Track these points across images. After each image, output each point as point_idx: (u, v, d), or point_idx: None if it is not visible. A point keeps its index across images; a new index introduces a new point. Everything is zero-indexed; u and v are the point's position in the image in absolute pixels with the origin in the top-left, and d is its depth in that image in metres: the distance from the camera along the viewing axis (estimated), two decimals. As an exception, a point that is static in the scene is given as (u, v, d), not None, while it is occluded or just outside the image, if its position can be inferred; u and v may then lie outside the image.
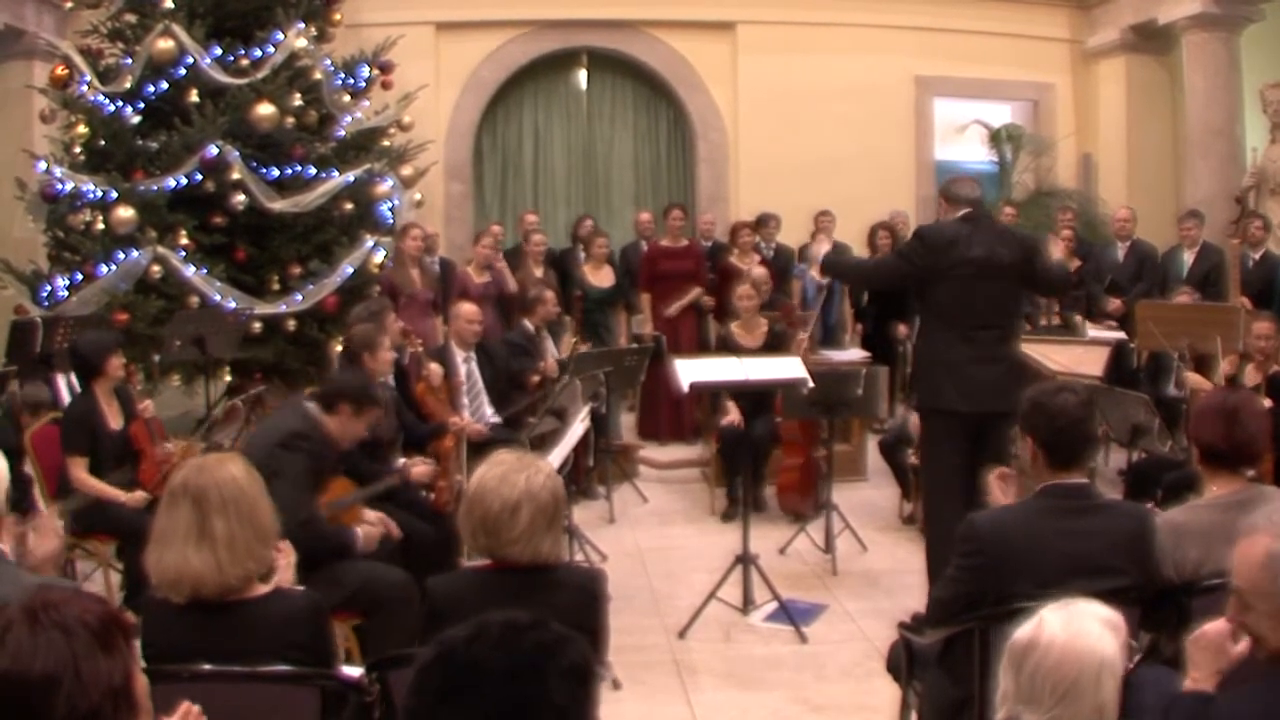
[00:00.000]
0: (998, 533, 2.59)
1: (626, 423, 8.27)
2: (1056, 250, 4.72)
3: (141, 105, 7.36)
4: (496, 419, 6.00)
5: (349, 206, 7.81)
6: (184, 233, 7.10)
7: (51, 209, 7.16)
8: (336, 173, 7.71)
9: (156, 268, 6.98)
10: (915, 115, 10.52)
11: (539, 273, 7.82)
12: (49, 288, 7.04)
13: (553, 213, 10.62)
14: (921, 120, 10.55)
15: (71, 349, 4.89)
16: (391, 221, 8.11)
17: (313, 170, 7.63)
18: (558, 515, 2.48)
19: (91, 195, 7.08)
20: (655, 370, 6.95)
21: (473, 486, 2.47)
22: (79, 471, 4.57)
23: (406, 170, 8.62)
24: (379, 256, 7.77)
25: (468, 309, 6.10)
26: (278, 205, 7.34)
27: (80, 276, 7.05)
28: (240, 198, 7.22)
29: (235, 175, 7.15)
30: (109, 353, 4.73)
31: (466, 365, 6.05)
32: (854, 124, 10.17)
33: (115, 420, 4.76)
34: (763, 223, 8.97)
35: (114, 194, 7.02)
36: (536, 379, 6.21)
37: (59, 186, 7.04)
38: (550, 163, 10.80)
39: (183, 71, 7.32)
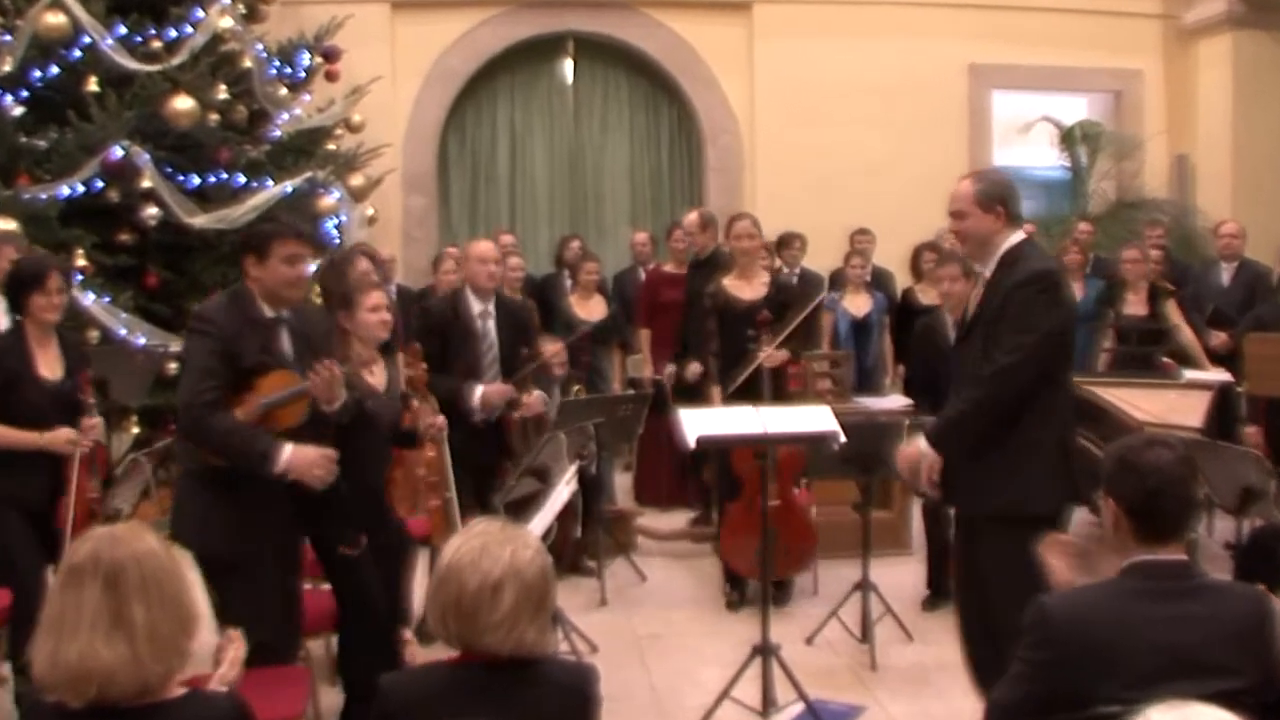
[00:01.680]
0: (1075, 620, 2.56)
1: (621, 485, 8.30)
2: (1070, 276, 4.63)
3: (25, 94, 7.37)
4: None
5: (286, 219, 7.78)
6: (81, 252, 7.10)
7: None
8: (271, 182, 7.82)
9: None
10: (969, 112, 10.65)
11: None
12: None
13: (533, 232, 10.78)
14: (977, 118, 10.70)
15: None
16: (339, 242, 8.19)
17: (242, 179, 7.73)
18: (547, 597, 2.46)
19: (-42, 204, 7.02)
20: (655, 422, 7.02)
21: (445, 560, 2.46)
22: None
23: (357, 180, 8.72)
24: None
25: (482, 247, 6.12)
26: (199, 220, 7.39)
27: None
28: (152, 210, 7.27)
29: (146, 183, 7.20)
30: (46, 273, 4.77)
31: (483, 322, 6.05)
32: (895, 124, 10.32)
33: (51, 369, 4.80)
34: (785, 243, 9.06)
35: (-11, 202, 6.98)
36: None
37: (-86, 192, 6.98)
38: (530, 172, 10.96)
39: (78, 54, 7.38)
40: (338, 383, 4.03)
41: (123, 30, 7.45)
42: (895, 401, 7.30)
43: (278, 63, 8.41)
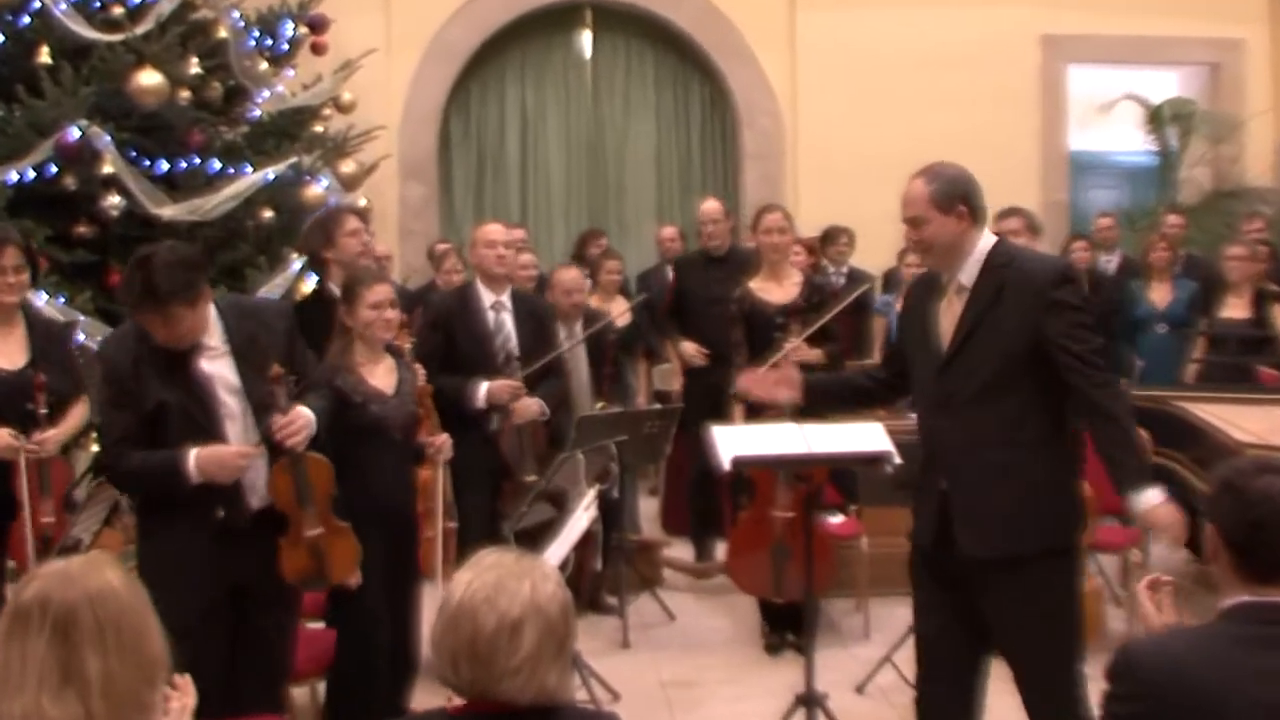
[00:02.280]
0: (1166, 669, 2.54)
1: (647, 511, 8.30)
2: None
3: (-35, 66, 7.18)
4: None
5: (267, 215, 7.85)
6: (33, 246, 6.99)
7: None
8: (250, 168, 7.76)
9: None
10: (1042, 88, 10.64)
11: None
12: None
13: (546, 226, 10.85)
14: (1051, 95, 10.68)
15: None
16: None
17: (217, 164, 7.67)
18: (569, 637, 2.44)
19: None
20: (685, 440, 7.01)
21: (456, 598, 2.44)
22: None
23: (347, 166, 8.72)
24: (311, 284, 7.63)
25: (490, 230, 6.23)
26: (167, 211, 7.32)
27: None
28: (114, 200, 7.21)
29: (107, 168, 7.14)
30: (1, 248, 4.83)
31: (496, 315, 6.11)
32: (957, 104, 10.31)
33: (8, 357, 4.88)
34: (830, 239, 9.06)
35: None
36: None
37: None
38: (543, 159, 11.01)
39: (27, 20, 7.31)
40: (298, 427, 4.09)
41: (79, -6, 7.30)
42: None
43: (257, 33, 8.38)
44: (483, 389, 5.88)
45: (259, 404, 4.08)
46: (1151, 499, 3.70)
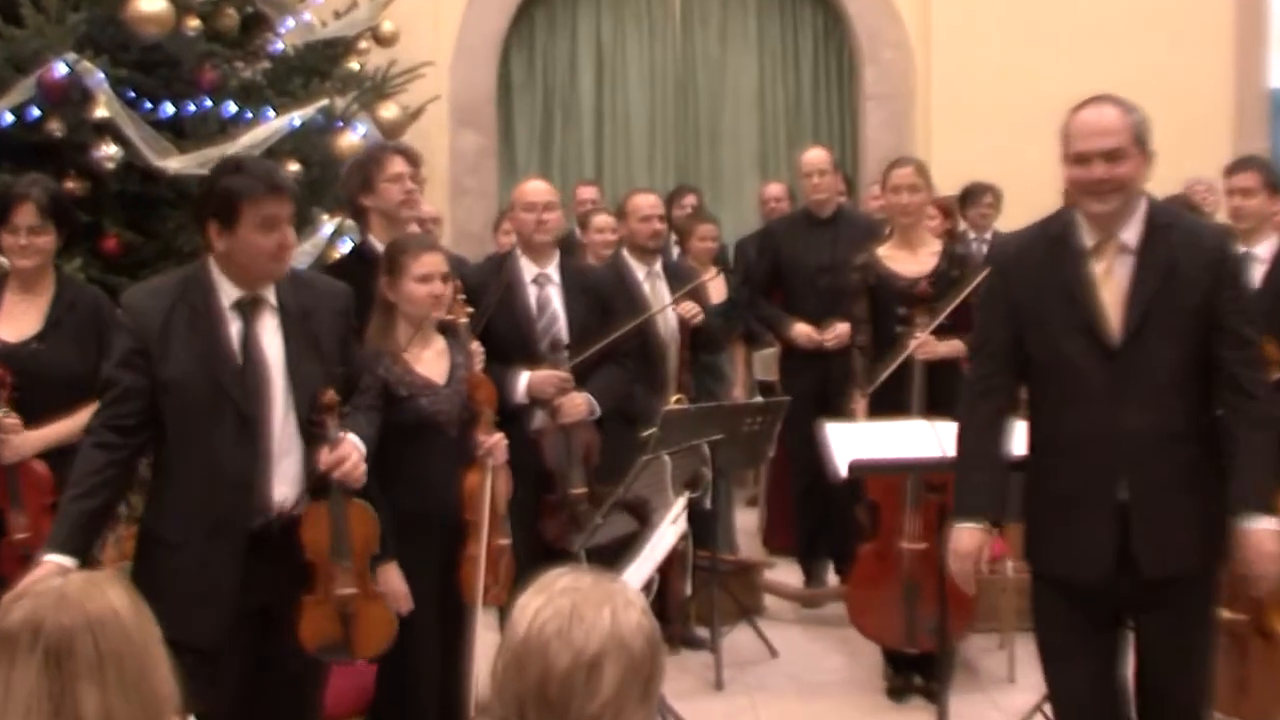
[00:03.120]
0: None
1: (745, 525, 8.36)
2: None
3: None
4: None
5: (293, 168, 7.76)
6: (64, 202, 6.86)
7: None
8: (272, 113, 7.76)
9: None
10: (1236, 16, 10.48)
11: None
12: None
13: (626, 183, 10.72)
14: (1248, 24, 10.53)
15: None
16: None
17: (232, 107, 7.67)
18: (656, 674, 2.44)
19: None
20: (790, 440, 7.07)
21: (521, 630, 2.40)
22: None
23: (388, 111, 8.69)
24: (343, 246, 7.80)
25: (529, 189, 6.29)
26: (173, 163, 7.28)
27: None
28: (109, 149, 7.18)
29: (100, 111, 7.11)
30: (13, 204, 5.00)
31: (540, 291, 6.17)
32: (1129, 35, 10.23)
33: (15, 327, 5.03)
34: (971, 199, 9.04)
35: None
36: None
37: None
38: (622, 102, 11.05)
39: (4, -65, 7.15)
40: (353, 461, 4.19)
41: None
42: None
43: (280, -51, 8.24)
44: (522, 380, 5.89)
45: (303, 400, 4.17)
46: (1270, 525, 3.82)
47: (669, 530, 4.79)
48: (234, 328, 4.12)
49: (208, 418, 4.05)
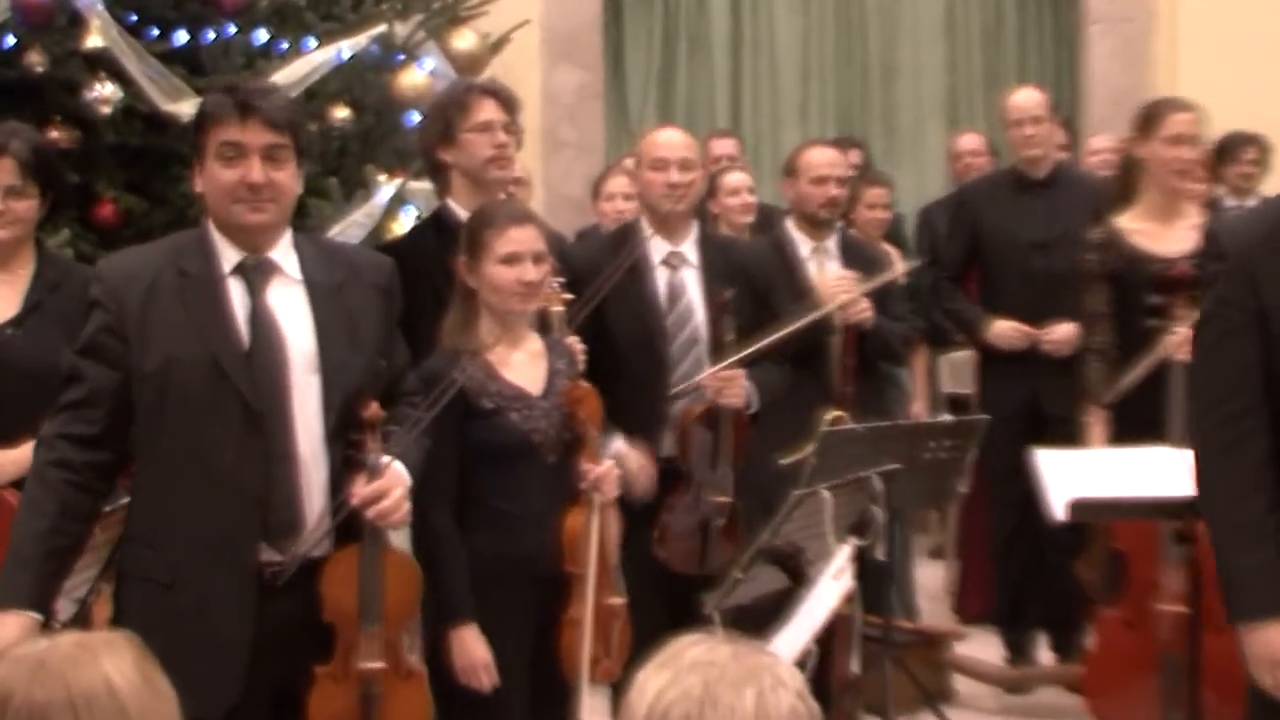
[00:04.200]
0: None
1: (929, 584, 8.42)
2: None
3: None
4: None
5: (340, 115, 7.85)
6: (49, 157, 6.81)
7: None
8: (313, 42, 7.81)
9: None
10: None
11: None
12: None
13: (771, 136, 10.99)
14: None
15: None
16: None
17: (263, 35, 7.72)
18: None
19: None
20: (989, 473, 7.13)
21: (636, 712, 2.42)
22: None
23: (463, 40, 8.73)
24: (406, 216, 7.89)
25: (661, 141, 6.34)
26: (186, 108, 7.18)
27: None
28: (106, 90, 7.24)
29: (94, 40, 7.19)
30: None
31: (673, 274, 6.18)
32: None
33: None
34: (1229, 153, 8.99)
35: None
36: None
37: None
38: (766, 28, 11.19)
39: None
40: (395, 498, 4.21)
41: None
42: None
43: None
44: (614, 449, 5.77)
45: (334, 397, 4.20)
46: None
47: (830, 588, 4.82)
48: (238, 301, 4.18)
49: (205, 414, 4.10)
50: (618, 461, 5.35)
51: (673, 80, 11.04)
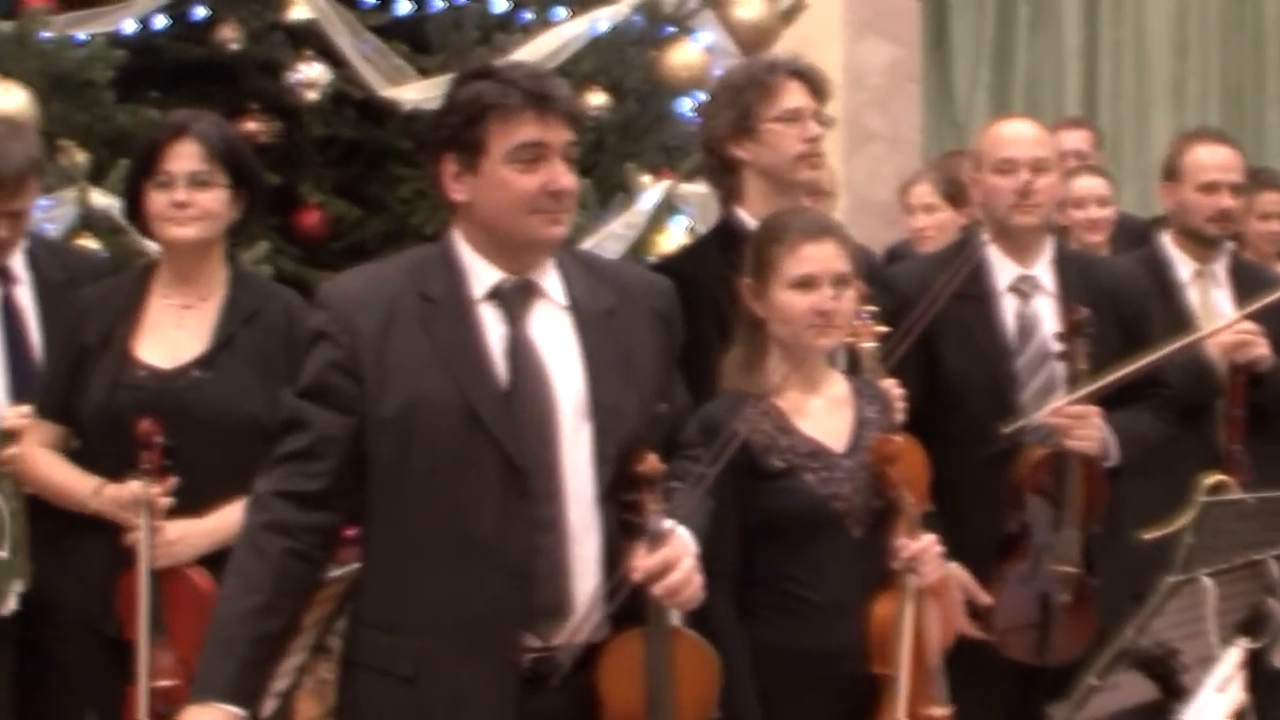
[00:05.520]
0: None
1: None
2: None
3: None
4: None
5: (596, 101, 7.52)
6: (237, 145, 6.95)
7: None
8: (563, 11, 7.55)
9: (90, 242, 6.74)
10: None
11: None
12: None
13: (1135, 126, 10.08)
14: None
15: None
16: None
17: (501, 3, 7.48)
18: None
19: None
20: None
21: None
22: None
23: (746, 9, 8.22)
24: (675, 226, 7.45)
25: (1010, 134, 5.84)
26: (410, 93, 7.05)
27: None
28: (312, 71, 6.96)
29: (300, 10, 6.91)
30: (165, 140, 4.93)
31: (1022, 305, 5.79)
32: None
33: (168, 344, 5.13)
34: None
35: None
36: None
37: None
38: None
39: None
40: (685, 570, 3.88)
41: None
42: None
43: None
44: None
45: (607, 448, 3.86)
46: None
47: (1213, 703, 4.21)
48: (494, 331, 3.89)
49: (456, 469, 3.80)
50: None
51: (1009, 56, 10.26)
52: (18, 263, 5.66)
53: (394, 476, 3.82)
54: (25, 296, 5.75)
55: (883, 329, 5.06)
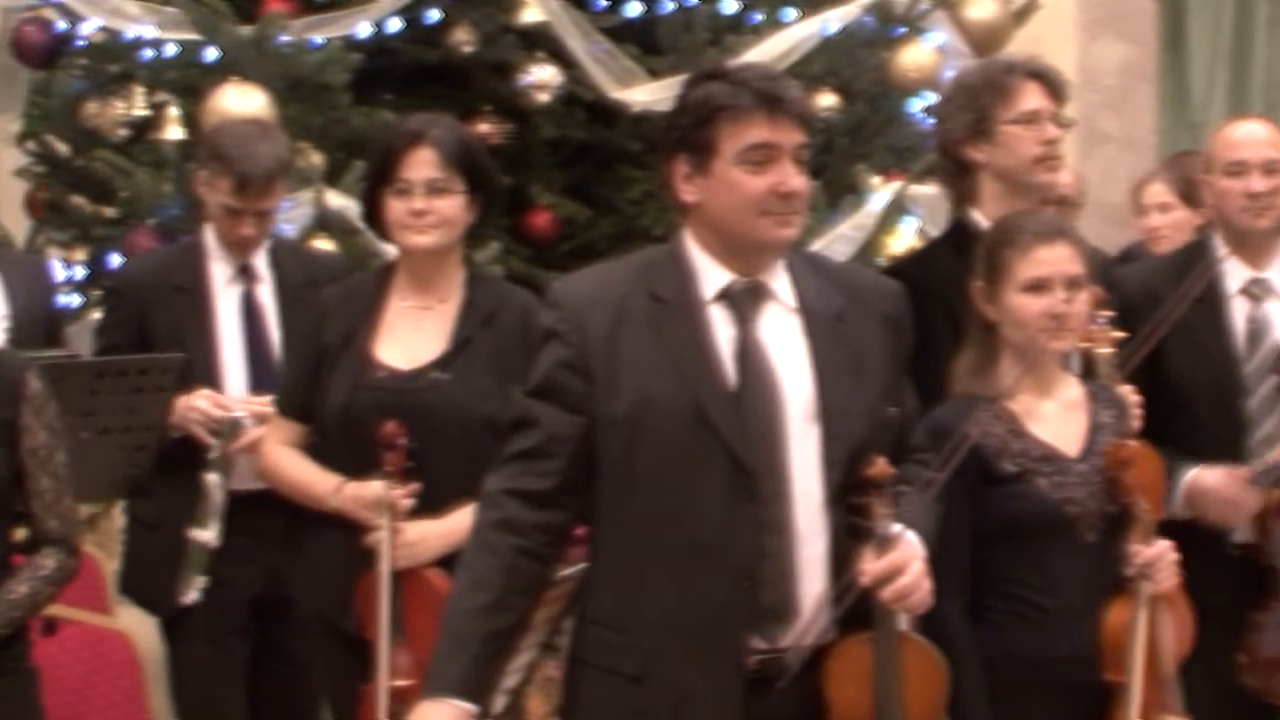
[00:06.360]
0: None
1: None
2: None
3: None
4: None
5: (826, 103, 7.52)
6: (476, 154, 7.01)
7: (41, 87, 7.44)
8: (793, 12, 7.52)
9: (325, 243, 6.83)
10: None
11: None
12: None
13: None
14: None
15: None
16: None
17: (731, 4, 7.45)
18: None
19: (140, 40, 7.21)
20: None
21: None
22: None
23: (978, 8, 8.19)
24: (905, 228, 7.43)
25: (1239, 136, 5.70)
26: (640, 95, 7.09)
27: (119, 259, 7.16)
28: (545, 73, 6.99)
29: (532, 13, 6.92)
30: (404, 145, 5.04)
31: (1254, 309, 5.66)
32: None
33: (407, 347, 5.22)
34: None
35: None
36: None
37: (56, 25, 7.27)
38: None
39: None
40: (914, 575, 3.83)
41: None
42: None
43: None
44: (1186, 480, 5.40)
45: (837, 451, 3.80)
46: None
47: None
48: (723, 332, 3.85)
49: (685, 469, 3.78)
50: None
51: (1248, 55, 10.01)
52: (261, 262, 5.85)
53: (622, 476, 3.82)
54: (266, 295, 5.91)
55: (1119, 334, 4.99)
